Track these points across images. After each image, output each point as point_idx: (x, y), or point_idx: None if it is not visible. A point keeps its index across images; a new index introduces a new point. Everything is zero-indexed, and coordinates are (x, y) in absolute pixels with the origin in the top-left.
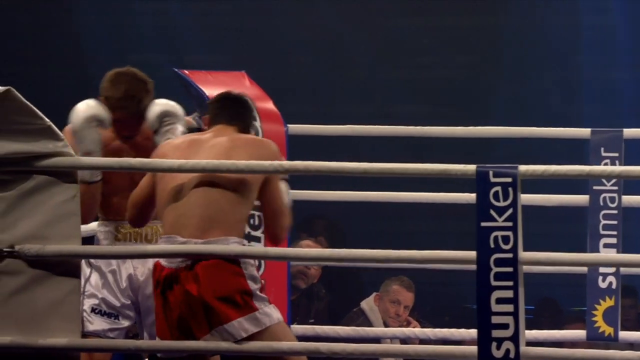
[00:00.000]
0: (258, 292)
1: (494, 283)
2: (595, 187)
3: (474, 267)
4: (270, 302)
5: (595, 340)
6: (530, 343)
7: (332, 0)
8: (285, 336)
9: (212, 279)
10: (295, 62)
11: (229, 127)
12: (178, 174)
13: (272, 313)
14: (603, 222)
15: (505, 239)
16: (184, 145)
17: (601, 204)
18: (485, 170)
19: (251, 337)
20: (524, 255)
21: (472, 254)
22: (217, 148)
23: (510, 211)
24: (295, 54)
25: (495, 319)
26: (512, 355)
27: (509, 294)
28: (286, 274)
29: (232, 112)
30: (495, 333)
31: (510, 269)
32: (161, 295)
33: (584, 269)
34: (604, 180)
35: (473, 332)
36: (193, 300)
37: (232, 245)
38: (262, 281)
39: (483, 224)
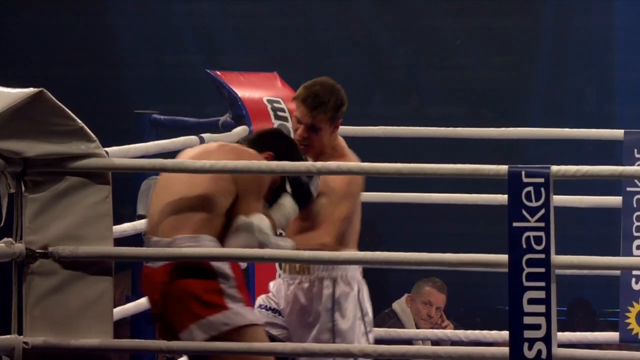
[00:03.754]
0: (230, 291)
1: (525, 283)
2: (628, 189)
3: (505, 269)
4: (247, 303)
5: (629, 342)
6: (562, 345)
7: (369, 1)
8: (254, 339)
9: (183, 277)
10: (330, 63)
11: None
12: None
13: (245, 314)
14: (636, 224)
15: (538, 240)
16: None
17: (634, 205)
18: (517, 171)
19: (222, 337)
20: (556, 258)
21: (504, 257)
22: (197, 150)
23: (542, 211)
24: (330, 55)
25: (527, 320)
26: (544, 356)
27: (541, 294)
28: None
29: (257, 137)
30: (527, 334)
31: (542, 270)
32: (147, 294)
33: (617, 271)
34: (637, 182)
35: (505, 334)
36: (170, 298)
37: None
38: (236, 281)
39: (515, 224)
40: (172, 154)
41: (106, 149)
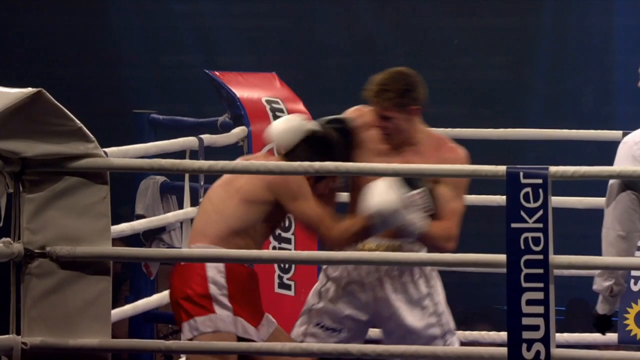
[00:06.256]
0: (219, 297)
1: (524, 285)
2: None
3: (504, 270)
4: (236, 313)
5: (627, 343)
6: (560, 345)
7: (368, 2)
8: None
9: (179, 279)
10: (329, 63)
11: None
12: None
13: (229, 322)
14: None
15: (536, 241)
16: None
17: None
18: (515, 171)
19: (202, 339)
20: (555, 259)
21: (503, 257)
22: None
23: (540, 212)
24: (328, 55)
25: (525, 321)
26: (542, 357)
27: (540, 295)
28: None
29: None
30: (526, 334)
31: (540, 271)
32: None
33: None
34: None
35: (503, 335)
36: (171, 299)
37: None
38: (228, 290)
39: (513, 225)
40: (171, 154)
41: (105, 149)
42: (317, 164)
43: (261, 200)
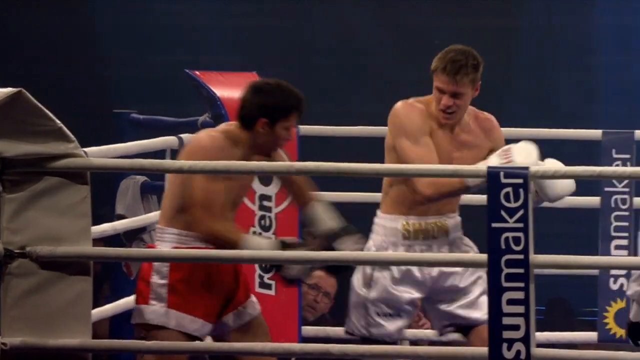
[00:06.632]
0: (158, 288)
1: (505, 284)
2: (606, 189)
3: (485, 269)
4: (171, 306)
5: (607, 342)
6: (541, 344)
7: (352, 1)
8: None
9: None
10: (313, 63)
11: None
12: None
13: (160, 314)
14: (614, 223)
15: (516, 240)
16: None
17: (612, 205)
18: (496, 171)
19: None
20: (535, 258)
21: (484, 257)
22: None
23: (521, 212)
24: (313, 54)
25: (506, 320)
26: (522, 356)
27: (520, 295)
28: (297, 310)
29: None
30: (506, 334)
31: (521, 270)
32: None
33: (595, 271)
34: (615, 182)
35: None
36: None
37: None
38: (167, 280)
39: (494, 225)
40: (151, 154)
41: (85, 149)
42: (298, 164)
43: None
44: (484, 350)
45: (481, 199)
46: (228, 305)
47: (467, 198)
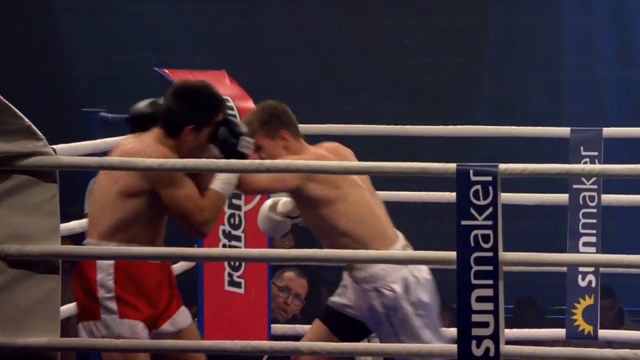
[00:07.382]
0: (106, 302)
1: (474, 282)
2: (575, 186)
3: (454, 266)
4: (124, 316)
5: (575, 338)
6: (510, 342)
7: (320, 1)
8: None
9: (76, 281)
10: (280, 62)
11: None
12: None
13: (114, 327)
14: (582, 220)
15: (486, 238)
16: None
17: (581, 202)
18: (465, 169)
19: None
20: (504, 255)
21: (453, 254)
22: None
23: (490, 210)
24: (279, 53)
25: (475, 318)
26: (492, 353)
27: (489, 292)
28: (266, 308)
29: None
30: (475, 331)
31: (490, 268)
32: None
33: (564, 268)
34: (583, 179)
35: (453, 331)
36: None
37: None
38: (114, 293)
39: (463, 222)
40: None
41: (54, 146)
42: (268, 162)
43: (139, 191)
44: (452, 347)
45: (450, 196)
46: (162, 315)
47: (435, 197)
